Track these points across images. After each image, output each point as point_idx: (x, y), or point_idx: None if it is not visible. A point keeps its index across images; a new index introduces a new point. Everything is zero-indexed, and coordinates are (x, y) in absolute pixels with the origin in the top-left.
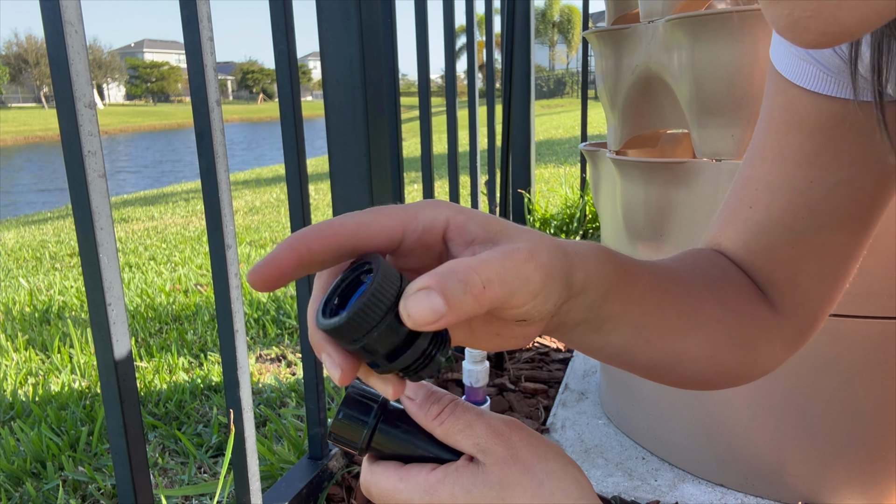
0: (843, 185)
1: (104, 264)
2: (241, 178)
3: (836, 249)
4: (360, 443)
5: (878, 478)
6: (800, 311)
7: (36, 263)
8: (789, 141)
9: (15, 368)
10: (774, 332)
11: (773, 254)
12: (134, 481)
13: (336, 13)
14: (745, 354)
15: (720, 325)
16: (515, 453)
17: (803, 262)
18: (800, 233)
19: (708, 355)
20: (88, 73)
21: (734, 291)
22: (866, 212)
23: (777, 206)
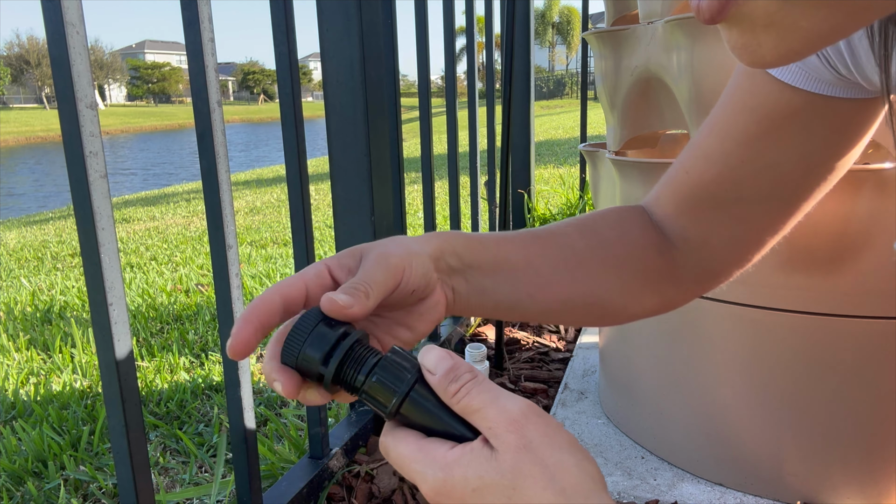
0: (770, 169)
1: (105, 264)
2: (241, 178)
3: (752, 221)
4: (390, 407)
5: (876, 477)
6: (704, 266)
7: (37, 263)
8: (738, 120)
9: (17, 368)
10: (666, 282)
11: (695, 215)
12: (135, 481)
13: (337, 14)
14: (630, 300)
15: (601, 276)
16: (528, 443)
17: (719, 226)
18: (722, 201)
19: (591, 300)
20: (90, 74)
21: (624, 249)
22: (789, 194)
23: (708, 176)
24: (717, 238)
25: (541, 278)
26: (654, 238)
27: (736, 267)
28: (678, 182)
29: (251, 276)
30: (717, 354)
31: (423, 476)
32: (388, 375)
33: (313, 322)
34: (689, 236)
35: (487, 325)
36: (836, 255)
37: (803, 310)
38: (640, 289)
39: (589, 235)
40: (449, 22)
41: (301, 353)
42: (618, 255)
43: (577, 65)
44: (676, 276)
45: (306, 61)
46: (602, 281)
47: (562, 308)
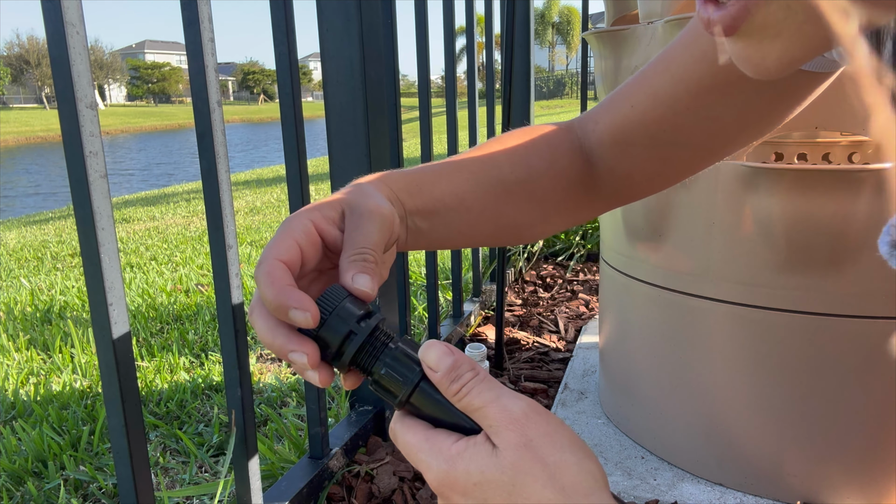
0: (711, 121)
1: (105, 264)
2: (241, 178)
3: (678, 163)
4: (400, 396)
5: (876, 477)
6: (619, 193)
7: (37, 263)
8: (695, 69)
9: (16, 368)
10: (581, 208)
11: (628, 150)
12: (135, 480)
13: (337, 14)
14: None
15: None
16: (529, 441)
17: (647, 163)
18: (657, 142)
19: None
20: (90, 74)
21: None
22: (719, 146)
23: (651, 116)
24: (640, 174)
25: (471, 215)
26: (580, 167)
27: (645, 196)
28: (622, 114)
29: (251, 276)
30: (717, 354)
31: (427, 465)
32: (399, 366)
33: (340, 297)
34: (614, 167)
35: (487, 326)
36: (836, 255)
37: (803, 310)
38: (556, 215)
39: (519, 167)
40: (449, 22)
41: (326, 327)
42: (544, 187)
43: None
44: (591, 201)
45: (306, 61)
46: (526, 212)
47: (485, 240)
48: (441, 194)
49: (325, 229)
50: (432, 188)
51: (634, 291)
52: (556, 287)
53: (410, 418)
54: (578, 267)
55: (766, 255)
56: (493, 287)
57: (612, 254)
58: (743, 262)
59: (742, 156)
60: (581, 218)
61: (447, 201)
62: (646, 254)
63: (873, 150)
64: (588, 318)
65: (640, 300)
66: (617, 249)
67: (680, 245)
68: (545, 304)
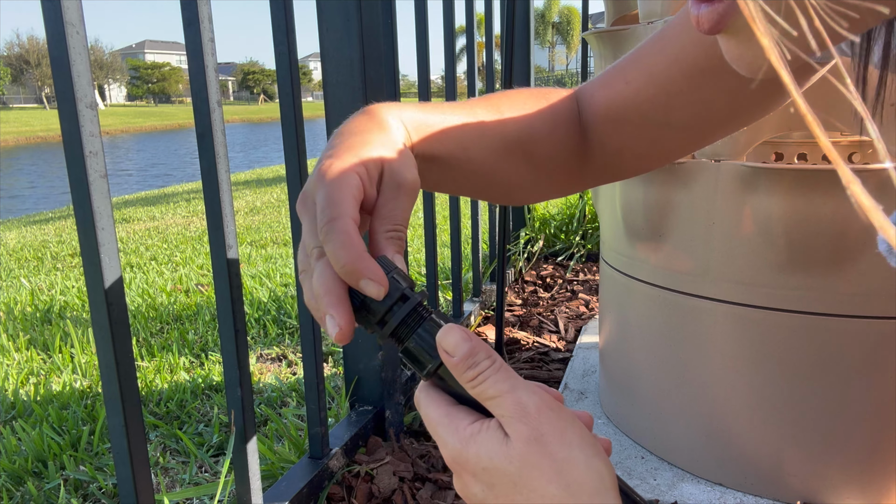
0: (703, 104)
1: (105, 264)
2: (241, 178)
3: (667, 144)
4: (428, 368)
5: (876, 477)
6: (608, 169)
7: (37, 263)
8: (692, 51)
9: (16, 368)
10: (570, 179)
11: (620, 127)
12: (135, 480)
13: (337, 14)
14: (532, 191)
15: (521, 170)
16: (540, 436)
17: (637, 142)
18: (649, 122)
19: (502, 186)
20: (90, 74)
21: (547, 149)
22: (708, 130)
23: (645, 94)
24: (630, 152)
25: (470, 167)
26: (576, 137)
27: (632, 175)
28: (616, 91)
29: (251, 276)
30: (717, 354)
31: (444, 441)
32: (431, 339)
33: (389, 269)
34: (606, 143)
35: (488, 326)
36: (836, 255)
37: (803, 310)
38: (547, 181)
39: (523, 128)
40: (449, 22)
41: (370, 300)
42: (542, 151)
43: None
44: (581, 173)
45: (306, 61)
46: (520, 173)
47: (475, 192)
48: (448, 142)
49: (367, 189)
50: (441, 134)
51: (634, 291)
52: (556, 287)
53: (435, 390)
54: (578, 267)
55: (766, 255)
56: (493, 287)
57: (612, 254)
58: (743, 262)
59: (742, 156)
60: (569, 188)
61: (452, 150)
62: (646, 254)
63: (873, 149)
64: (588, 318)
65: (640, 300)
66: (617, 249)
67: (680, 245)
68: (545, 304)
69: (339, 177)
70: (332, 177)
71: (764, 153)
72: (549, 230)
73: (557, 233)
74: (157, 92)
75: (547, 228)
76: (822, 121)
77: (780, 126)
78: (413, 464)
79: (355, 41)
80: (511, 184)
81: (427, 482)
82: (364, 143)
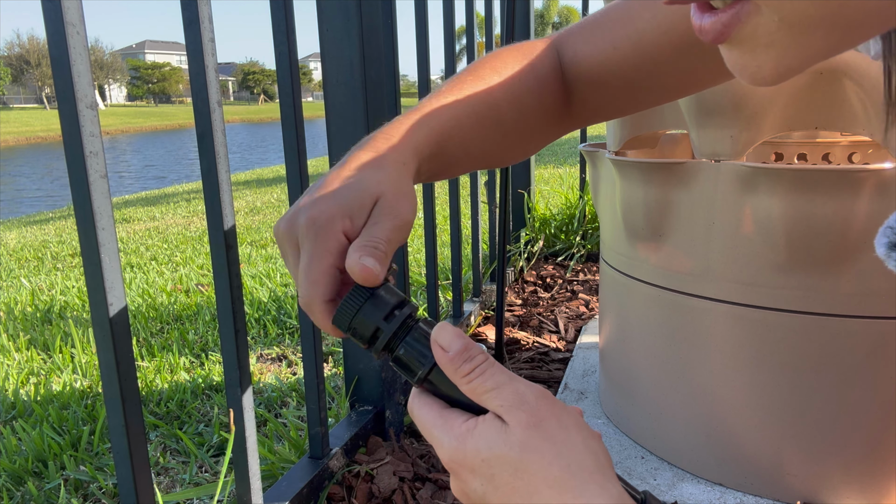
0: (685, 73)
1: (106, 264)
2: (242, 178)
3: (644, 104)
4: (419, 374)
5: (877, 477)
6: (587, 120)
7: (38, 263)
8: (683, 24)
9: (17, 368)
10: (555, 130)
11: (603, 89)
12: (135, 480)
13: (336, 14)
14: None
15: (514, 144)
16: (539, 421)
17: (616, 101)
18: (631, 85)
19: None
20: (90, 74)
21: (536, 119)
22: (684, 92)
23: (631, 61)
24: (609, 110)
25: (472, 161)
26: (561, 101)
27: (611, 118)
28: (604, 56)
29: (251, 276)
30: (717, 354)
31: (440, 442)
32: (419, 345)
33: (363, 299)
34: (587, 101)
35: (488, 326)
36: (836, 255)
37: (803, 310)
38: (532, 141)
39: (515, 107)
40: (449, 22)
41: (353, 332)
42: (531, 126)
43: None
44: (561, 125)
45: (306, 61)
46: (513, 147)
47: (470, 170)
48: (454, 148)
49: (353, 236)
50: (447, 143)
51: (634, 291)
52: (556, 287)
53: (427, 395)
54: (578, 267)
55: (766, 255)
56: (493, 287)
57: (612, 254)
58: (743, 262)
59: (742, 156)
60: (551, 139)
61: (457, 155)
62: (646, 254)
63: (873, 149)
64: (588, 318)
65: (640, 300)
66: (617, 249)
67: (680, 245)
68: (545, 304)
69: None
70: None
71: (764, 153)
72: (550, 230)
73: (557, 233)
74: (157, 92)
75: (547, 228)
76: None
77: (780, 126)
78: (413, 464)
79: (355, 41)
80: (504, 156)
81: (427, 482)
82: (356, 189)
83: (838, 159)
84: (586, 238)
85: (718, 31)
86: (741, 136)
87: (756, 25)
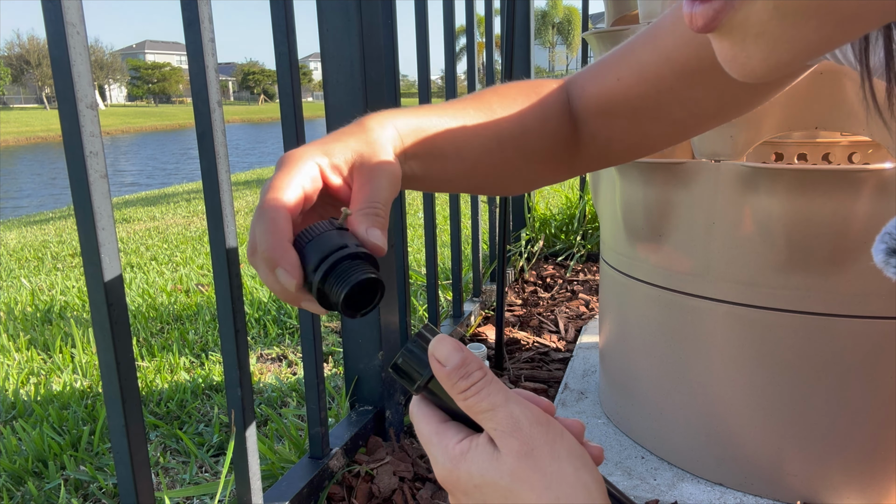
0: (692, 102)
1: (106, 264)
2: (242, 178)
3: (655, 137)
4: (418, 382)
5: (876, 477)
6: (598, 158)
7: (38, 263)
8: (684, 51)
9: (17, 368)
10: (562, 169)
11: (611, 121)
12: (135, 480)
13: (337, 14)
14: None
15: (516, 164)
16: (531, 450)
17: (626, 135)
18: (638, 116)
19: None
20: (90, 74)
21: (541, 142)
22: (694, 125)
23: (636, 91)
24: (620, 143)
25: (465, 165)
26: (567, 128)
27: (621, 163)
28: (608, 86)
29: (251, 276)
30: (717, 354)
31: (435, 460)
32: (420, 353)
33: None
34: (596, 134)
35: (488, 326)
36: (836, 255)
37: (803, 310)
38: (539, 169)
39: (515, 124)
40: (449, 22)
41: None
42: (534, 143)
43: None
44: (572, 162)
45: (306, 61)
46: (513, 165)
47: (470, 188)
48: (442, 143)
49: (330, 177)
50: (435, 136)
51: (634, 291)
52: (556, 287)
53: (427, 405)
54: (578, 267)
55: (766, 255)
56: (493, 287)
57: (612, 254)
58: (743, 262)
59: (742, 156)
60: (560, 176)
61: (446, 150)
62: (646, 254)
63: (873, 150)
64: (588, 318)
65: (640, 300)
66: (617, 249)
67: (680, 245)
68: (545, 304)
69: (289, 162)
70: (284, 163)
71: (764, 153)
72: (550, 230)
73: (557, 233)
74: (157, 92)
75: (547, 228)
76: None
77: (780, 126)
78: (413, 464)
79: (355, 41)
80: (504, 176)
81: (427, 482)
82: (335, 139)
83: (838, 159)
84: (586, 238)
85: (710, 16)
86: (741, 136)
87: (748, 14)
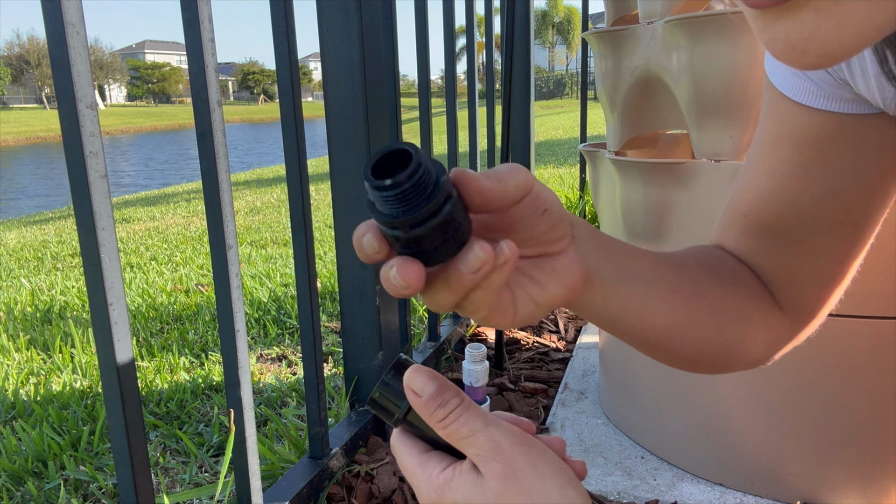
0: (830, 196)
1: (106, 264)
2: (241, 178)
3: (829, 252)
4: (397, 415)
5: (876, 477)
6: (797, 305)
7: (38, 263)
8: (779, 154)
9: (17, 368)
10: (771, 317)
11: (770, 254)
12: (135, 480)
13: (337, 14)
14: (738, 331)
15: (713, 300)
16: (513, 473)
17: (798, 262)
18: (792, 237)
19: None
20: (90, 74)
21: (729, 274)
22: (857, 217)
23: (769, 215)
24: (800, 273)
25: (663, 288)
26: (747, 271)
27: (826, 303)
28: (740, 226)
29: (251, 276)
30: None
31: (419, 491)
32: (397, 385)
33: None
34: (773, 277)
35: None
36: None
37: None
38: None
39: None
40: (449, 22)
41: None
42: (731, 292)
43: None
44: (778, 318)
45: (306, 61)
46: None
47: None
48: (630, 251)
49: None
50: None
51: None
52: None
53: (408, 437)
54: None
55: None
56: None
57: None
58: None
59: (742, 156)
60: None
61: (637, 258)
62: None
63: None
64: None
65: None
66: None
67: (680, 245)
68: None
69: None
70: None
71: None
72: None
73: None
74: (157, 92)
75: None
76: None
77: None
78: None
79: (355, 41)
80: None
81: None
82: None
83: None
84: None
85: None
86: (741, 136)
87: None
